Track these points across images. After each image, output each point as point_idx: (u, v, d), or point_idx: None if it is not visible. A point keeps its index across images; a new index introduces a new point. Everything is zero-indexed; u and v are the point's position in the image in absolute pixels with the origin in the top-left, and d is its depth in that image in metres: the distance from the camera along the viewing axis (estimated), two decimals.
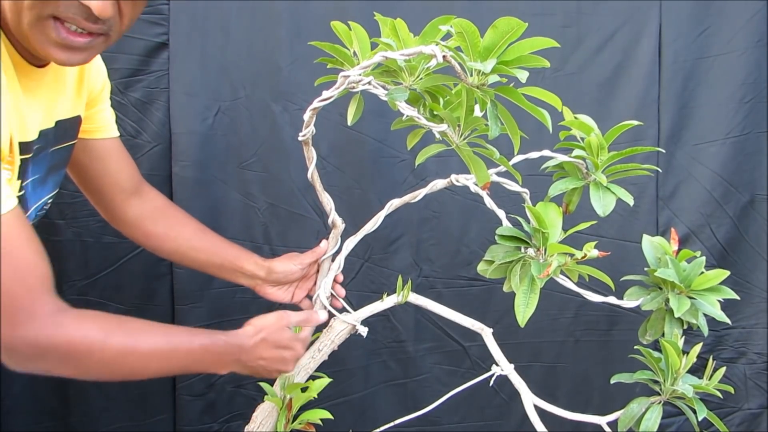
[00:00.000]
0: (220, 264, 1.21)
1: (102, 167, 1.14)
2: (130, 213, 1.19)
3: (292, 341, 1.05)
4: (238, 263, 1.21)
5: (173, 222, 1.23)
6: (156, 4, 1.55)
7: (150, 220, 1.21)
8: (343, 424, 1.63)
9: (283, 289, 1.23)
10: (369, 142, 1.62)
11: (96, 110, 1.09)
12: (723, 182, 1.65)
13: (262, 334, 1.02)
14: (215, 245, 1.23)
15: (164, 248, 1.22)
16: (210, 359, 0.97)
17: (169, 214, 1.23)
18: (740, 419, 1.74)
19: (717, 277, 0.96)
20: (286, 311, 1.08)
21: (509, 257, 0.96)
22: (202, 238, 1.23)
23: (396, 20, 0.84)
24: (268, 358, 1.02)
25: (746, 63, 1.62)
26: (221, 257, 1.21)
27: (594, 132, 0.96)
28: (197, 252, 1.22)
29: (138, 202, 1.20)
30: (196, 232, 1.23)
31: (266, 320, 1.04)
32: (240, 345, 1.00)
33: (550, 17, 1.61)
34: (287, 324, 1.06)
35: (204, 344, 0.95)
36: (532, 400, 1.01)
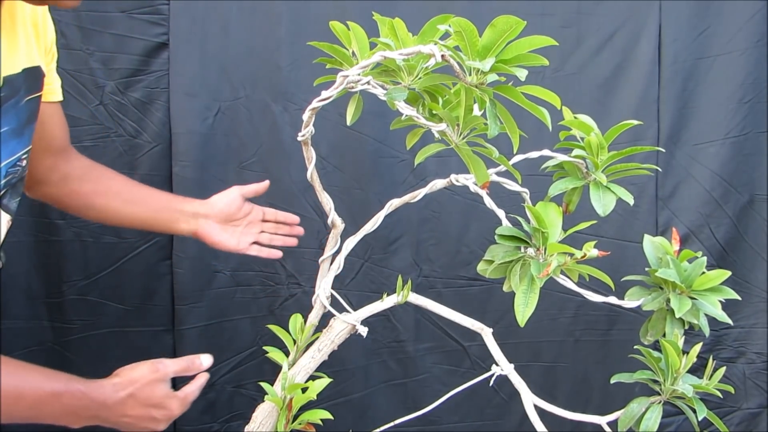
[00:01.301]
0: (155, 211, 1.16)
1: (41, 130, 1.05)
2: (55, 174, 1.12)
3: (165, 399, 0.94)
4: (175, 205, 1.16)
5: (101, 178, 1.16)
6: (156, 4, 1.56)
7: (76, 180, 1.14)
8: (343, 424, 1.63)
9: (228, 231, 1.18)
10: (368, 142, 1.62)
11: (49, 69, 1.03)
12: (722, 182, 1.65)
13: (131, 389, 0.90)
14: (148, 194, 1.17)
15: (94, 206, 1.15)
16: (61, 410, 0.85)
17: (95, 172, 1.17)
18: (739, 419, 1.74)
19: (718, 278, 0.96)
20: (161, 360, 0.96)
21: (509, 257, 0.96)
22: (132, 190, 1.16)
23: (394, 20, 0.84)
24: (134, 416, 0.91)
25: (746, 63, 1.62)
26: (156, 204, 1.16)
27: (594, 132, 0.96)
28: (131, 205, 1.15)
29: (64, 163, 1.13)
30: (125, 185, 1.16)
31: (137, 372, 0.92)
32: (102, 401, 0.88)
33: (549, 17, 1.61)
34: (162, 377, 0.94)
35: (56, 391, 0.84)
36: (532, 400, 1.01)
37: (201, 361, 1.01)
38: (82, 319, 1.65)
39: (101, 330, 1.65)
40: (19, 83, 0.88)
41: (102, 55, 1.56)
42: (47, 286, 1.64)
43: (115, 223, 1.19)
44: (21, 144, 0.91)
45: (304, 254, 1.64)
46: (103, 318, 1.65)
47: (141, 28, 1.56)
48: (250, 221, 1.23)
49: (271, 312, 1.67)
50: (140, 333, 1.66)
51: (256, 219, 1.23)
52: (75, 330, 1.65)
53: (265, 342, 1.40)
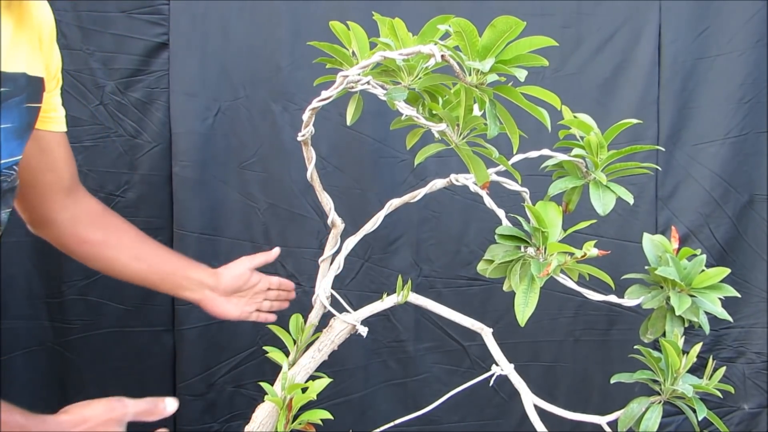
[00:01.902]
0: (163, 274, 1.12)
1: (46, 161, 1.02)
2: (64, 214, 1.08)
3: None
4: (183, 271, 1.13)
5: (112, 228, 1.12)
6: (156, 4, 1.56)
7: (85, 225, 1.10)
8: (343, 424, 1.63)
9: (232, 302, 1.16)
10: (368, 142, 1.62)
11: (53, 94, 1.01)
12: (722, 182, 1.65)
13: (80, 428, 0.82)
14: (157, 255, 1.13)
15: (102, 257, 1.11)
16: None
17: (107, 220, 1.13)
18: (739, 419, 1.74)
19: (718, 275, 0.96)
20: (121, 399, 0.86)
21: (509, 256, 0.96)
22: (142, 247, 1.12)
23: (394, 20, 0.84)
24: None
25: (746, 63, 1.63)
26: (165, 268, 1.12)
27: (593, 131, 0.96)
28: (139, 263, 1.11)
29: (72, 203, 1.09)
30: (136, 241, 1.12)
31: (90, 410, 0.84)
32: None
33: (549, 18, 1.61)
34: (119, 417, 0.85)
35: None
36: (532, 400, 1.01)
37: (165, 405, 0.91)
38: (82, 319, 1.65)
39: (101, 330, 1.65)
40: (21, 85, 0.86)
41: (102, 55, 1.56)
42: (47, 286, 1.64)
43: (118, 277, 1.13)
44: (20, 148, 0.88)
45: (304, 254, 1.65)
46: (103, 318, 1.65)
47: (141, 28, 1.56)
48: (255, 292, 1.21)
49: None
50: (140, 333, 1.66)
51: (261, 289, 1.21)
52: (75, 330, 1.65)
53: (265, 342, 1.40)
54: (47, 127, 1.02)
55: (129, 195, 1.61)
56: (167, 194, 1.62)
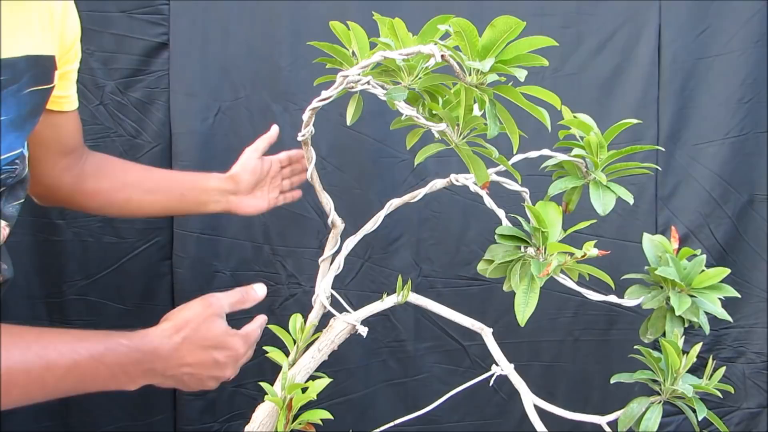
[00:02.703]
0: (180, 196, 1.10)
1: (55, 135, 1.01)
2: (68, 175, 1.06)
3: (226, 337, 0.84)
4: (199, 185, 1.11)
5: (116, 172, 1.10)
6: (156, 4, 1.56)
7: (91, 177, 1.08)
8: (343, 423, 1.63)
9: (257, 197, 1.15)
10: (369, 142, 1.62)
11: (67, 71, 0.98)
12: (722, 182, 1.65)
13: (184, 331, 0.81)
14: (168, 179, 1.11)
15: (115, 202, 1.09)
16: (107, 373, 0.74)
17: (109, 166, 1.10)
18: (739, 419, 1.74)
19: (717, 275, 0.96)
20: (214, 294, 0.86)
21: (509, 256, 0.96)
22: (151, 178, 1.10)
23: (394, 20, 0.84)
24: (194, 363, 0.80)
25: (746, 63, 1.63)
26: (179, 188, 1.10)
27: (593, 131, 0.96)
28: (153, 194, 1.09)
29: (76, 162, 1.08)
30: (143, 175, 1.10)
31: (188, 311, 0.83)
32: (153, 350, 0.78)
33: (549, 18, 1.61)
34: (217, 312, 0.84)
35: (95, 353, 0.74)
36: (532, 400, 1.01)
37: (255, 290, 0.91)
38: (82, 319, 1.65)
39: (101, 330, 1.65)
40: (22, 69, 0.82)
41: (102, 55, 1.56)
42: (47, 286, 1.64)
43: (142, 215, 1.12)
44: (20, 139, 0.85)
45: (304, 254, 1.65)
46: (103, 318, 1.65)
47: (141, 28, 1.56)
48: (272, 176, 1.20)
49: (272, 312, 1.67)
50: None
51: (276, 171, 1.20)
52: None
53: (265, 342, 1.40)
54: (59, 108, 1.00)
55: None
56: None
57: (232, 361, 0.85)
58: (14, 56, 0.81)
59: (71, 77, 1.02)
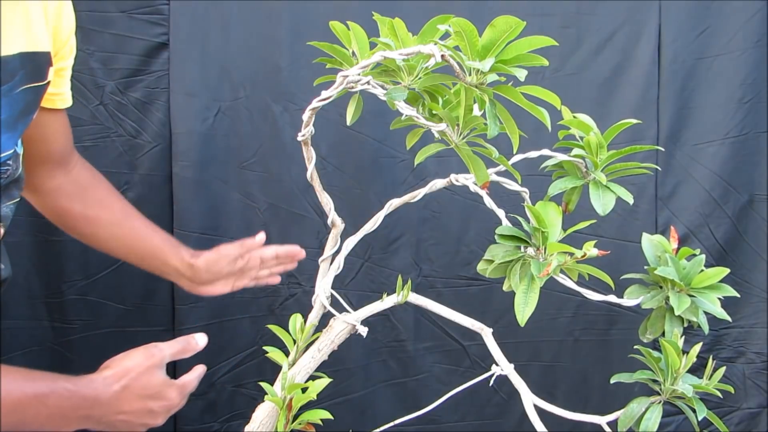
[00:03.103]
0: (141, 257, 1.09)
1: (40, 133, 0.98)
2: (48, 185, 1.04)
3: (164, 388, 0.84)
4: (163, 257, 1.09)
5: (93, 202, 1.07)
6: (156, 4, 1.56)
7: (68, 196, 1.05)
8: (343, 423, 1.63)
9: (217, 285, 1.12)
10: (369, 142, 1.62)
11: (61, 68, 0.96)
12: (722, 182, 1.66)
13: (125, 380, 0.81)
14: (138, 237, 1.09)
15: (80, 230, 1.08)
16: (47, 414, 0.75)
17: (91, 192, 1.08)
18: (739, 419, 1.74)
19: (717, 275, 0.96)
20: (155, 345, 0.86)
21: (509, 256, 0.96)
22: (123, 226, 1.08)
23: (394, 20, 0.84)
24: (130, 411, 0.81)
25: (745, 63, 1.63)
26: (143, 251, 1.08)
27: (593, 131, 0.96)
28: (117, 241, 1.08)
29: (62, 174, 1.05)
30: (118, 218, 1.07)
31: (130, 361, 0.83)
32: (94, 397, 0.78)
33: (549, 18, 1.61)
34: (158, 362, 0.85)
35: (40, 393, 0.74)
36: (532, 400, 1.01)
37: (197, 340, 0.91)
38: (82, 319, 1.65)
39: (101, 330, 1.65)
40: (15, 67, 0.82)
41: (102, 55, 1.56)
42: (47, 286, 1.64)
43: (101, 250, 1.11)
44: (13, 139, 0.84)
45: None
46: (103, 318, 1.65)
47: (141, 28, 1.56)
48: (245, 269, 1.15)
49: (271, 312, 1.67)
50: (140, 333, 1.66)
51: (253, 266, 1.15)
52: (75, 330, 1.65)
53: (265, 342, 1.40)
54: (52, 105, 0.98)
55: (129, 195, 1.61)
56: (167, 194, 1.62)
57: (165, 411, 0.85)
58: (7, 54, 0.81)
59: (65, 74, 1.00)
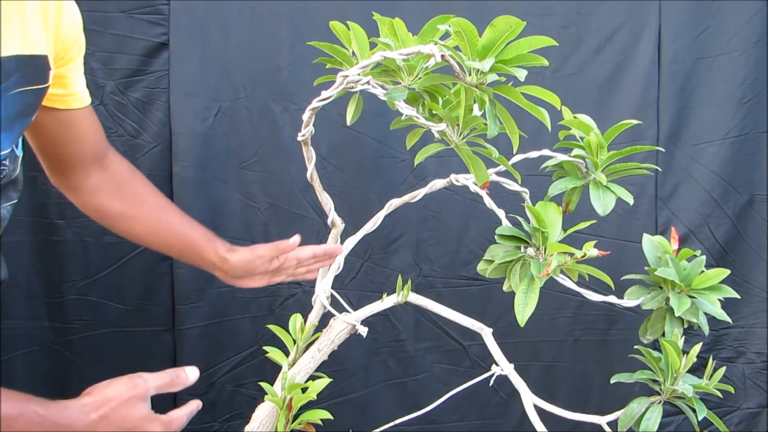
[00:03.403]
0: (179, 251, 1.11)
1: (67, 134, 0.99)
2: (87, 184, 1.06)
3: (145, 422, 0.81)
4: (199, 251, 1.10)
5: (131, 198, 1.09)
6: (156, 4, 1.56)
7: (106, 195, 1.07)
8: (343, 423, 1.63)
9: (253, 279, 1.12)
10: (369, 142, 1.62)
11: (69, 69, 0.96)
12: (722, 182, 1.66)
13: (103, 409, 0.78)
14: (175, 231, 1.10)
15: (120, 227, 1.10)
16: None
17: (129, 189, 1.09)
18: (739, 419, 1.74)
19: (717, 276, 0.96)
20: (140, 375, 0.83)
21: (509, 257, 0.96)
22: (160, 220, 1.09)
23: (394, 20, 0.84)
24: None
25: (745, 63, 1.63)
26: (181, 245, 1.10)
27: (593, 131, 0.96)
28: (154, 236, 1.10)
29: (98, 172, 1.06)
30: (154, 213, 1.09)
31: (112, 390, 0.80)
32: (67, 424, 0.75)
33: (549, 18, 1.61)
34: (140, 394, 0.81)
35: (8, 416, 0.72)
36: (532, 400, 1.01)
37: (186, 374, 0.88)
38: (82, 319, 1.65)
39: (101, 330, 1.65)
40: (11, 69, 0.81)
41: (102, 55, 1.56)
42: (47, 286, 1.64)
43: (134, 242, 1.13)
44: (8, 140, 0.83)
45: None
46: (103, 318, 1.65)
47: (141, 28, 1.56)
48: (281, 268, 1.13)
49: (272, 311, 1.67)
50: (141, 333, 1.66)
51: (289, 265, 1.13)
52: (75, 330, 1.65)
53: (265, 342, 1.40)
54: (65, 106, 0.99)
55: None
56: (167, 194, 1.62)
57: None
58: (4, 56, 0.80)
59: (74, 74, 1.00)
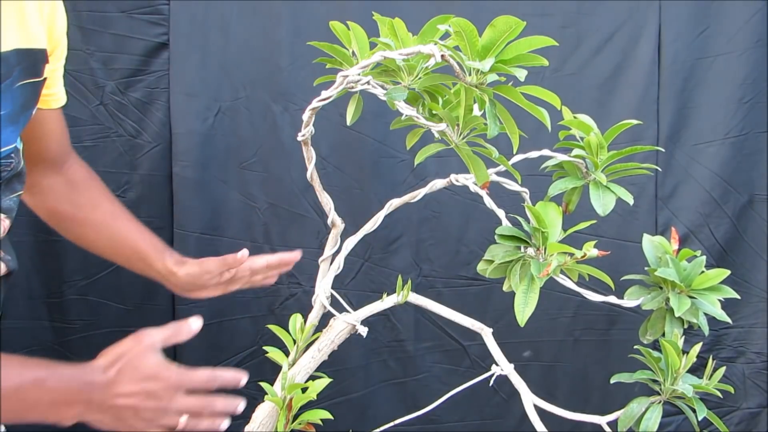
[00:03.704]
0: (128, 260, 1.10)
1: (35, 132, 0.98)
2: (42, 184, 1.05)
3: (160, 369, 0.82)
4: (148, 260, 1.09)
5: (83, 203, 1.08)
6: (156, 4, 1.56)
7: (58, 197, 1.06)
8: (343, 423, 1.63)
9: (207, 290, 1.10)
10: (369, 142, 1.62)
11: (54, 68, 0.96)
12: (722, 182, 1.66)
13: (118, 365, 0.80)
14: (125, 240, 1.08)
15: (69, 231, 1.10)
16: (48, 400, 0.75)
17: (82, 194, 1.08)
18: (739, 418, 1.74)
19: (717, 277, 0.96)
20: (146, 330, 0.85)
21: (509, 257, 0.96)
22: (110, 226, 1.08)
23: (394, 20, 0.84)
24: (129, 394, 0.79)
25: (745, 63, 1.63)
26: (130, 254, 1.09)
27: (593, 131, 0.96)
28: (102, 242, 1.09)
29: (55, 174, 1.06)
30: (105, 219, 1.08)
31: (121, 347, 0.83)
32: (91, 381, 0.78)
33: (549, 18, 1.61)
34: (148, 345, 0.83)
35: (39, 377, 0.75)
36: (532, 400, 1.01)
37: (189, 324, 0.88)
38: (82, 319, 1.65)
39: (102, 330, 1.65)
40: (12, 63, 0.83)
41: (102, 55, 1.56)
42: (47, 286, 1.64)
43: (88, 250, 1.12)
44: (15, 133, 0.85)
45: (304, 254, 1.63)
46: (103, 318, 1.65)
47: (141, 28, 1.56)
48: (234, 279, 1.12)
49: (272, 311, 1.67)
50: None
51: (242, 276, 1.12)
52: (75, 330, 1.65)
53: (265, 342, 1.40)
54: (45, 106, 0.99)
55: (129, 195, 1.61)
56: (167, 194, 1.62)
57: (167, 392, 0.82)
58: (5, 50, 0.82)
59: (57, 74, 1.00)
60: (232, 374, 0.89)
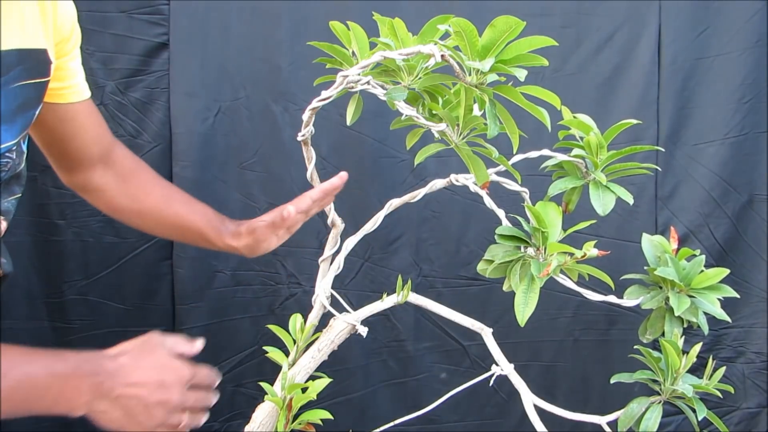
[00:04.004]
0: (191, 239, 1.13)
1: (70, 129, 1.00)
2: (94, 182, 1.07)
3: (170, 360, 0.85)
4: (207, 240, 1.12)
5: (136, 192, 1.10)
6: (156, 4, 1.56)
7: (112, 192, 1.08)
8: (343, 423, 1.63)
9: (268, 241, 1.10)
10: (369, 142, 1.62)
11: (65, 61, 0.97)
12: (722, 182, 1.66)
13: (129, 354, 0.83)
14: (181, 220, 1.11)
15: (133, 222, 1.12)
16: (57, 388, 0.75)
17: (132, 184, 1.10)
18: (738, 418, 1.74)
19: (717, 276, 0.96)
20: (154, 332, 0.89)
21: (509, 256, 0.96)
22: (166, 211, 1.11)
23: (394, 20, 0.84)
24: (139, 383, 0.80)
25: (745, 63, 1.63)
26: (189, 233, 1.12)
27: (593, 131, 0.96)
28: (163, 227, 1.13)
29: (103, 168, 1.07)
30: (159, 205, 1.10)
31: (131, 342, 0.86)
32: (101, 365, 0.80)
33: (549, 18, 1.61)
34: (158, 342, 0.86)
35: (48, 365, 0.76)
36: (532, 400, 1.01)
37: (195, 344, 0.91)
38: (82, 319, 1.65)
39: (101, 330, 1.65)
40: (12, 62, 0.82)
41: (102, 55, 1.56)
42: (47, 286, 1.64)
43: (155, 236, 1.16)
44: (10, 132, 0.84)
45: (304, 254, 1.65)
46: (103, 318, 1.65)
47: (141, 28, 1.56)
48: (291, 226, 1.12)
49: (272, 311, 1.67)
50: (141, 333, 1.65)
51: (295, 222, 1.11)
52: (75, 330, 1.65)
53: (266, 342, 1.40)
54: (63, 100, 0.99)
55: None
56: None
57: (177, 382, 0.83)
58: (4, 49, 0.81)
59: (72, 67, 1.00)
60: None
